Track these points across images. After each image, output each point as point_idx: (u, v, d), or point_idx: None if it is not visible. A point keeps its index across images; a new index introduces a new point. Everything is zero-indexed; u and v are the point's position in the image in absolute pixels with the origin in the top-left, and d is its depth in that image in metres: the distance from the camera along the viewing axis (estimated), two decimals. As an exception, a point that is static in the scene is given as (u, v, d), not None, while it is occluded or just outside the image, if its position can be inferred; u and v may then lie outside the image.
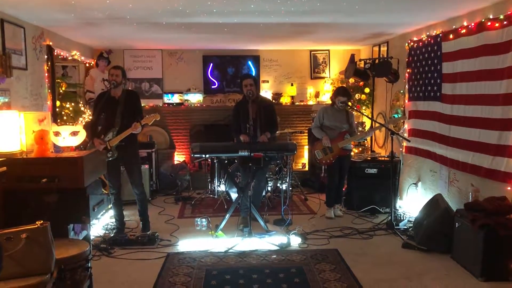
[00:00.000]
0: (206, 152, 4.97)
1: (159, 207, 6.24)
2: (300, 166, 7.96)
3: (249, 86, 5.07)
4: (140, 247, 4.59)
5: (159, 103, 7.71)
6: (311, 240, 4.81)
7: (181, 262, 4.22)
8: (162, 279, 3.83)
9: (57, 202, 3.08)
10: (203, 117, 7.75)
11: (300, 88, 7.93)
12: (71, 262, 2.79)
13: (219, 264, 4.18)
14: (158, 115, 4.87)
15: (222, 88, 7.82)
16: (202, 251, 4.47)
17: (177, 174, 7.03)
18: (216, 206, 6.20)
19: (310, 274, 3.92)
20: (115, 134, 4.74)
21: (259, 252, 4.46)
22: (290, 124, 7.67)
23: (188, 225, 5.34)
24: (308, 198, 6.66)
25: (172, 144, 7.75)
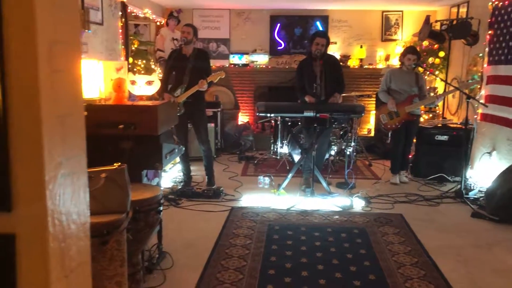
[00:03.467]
0: (271, 111, 4.97)
1: (223, 164, 6.40)
2: (366, 132, 7.79)
3: (321, 45, 4.94)
4: (206, 199, 4.76)
5: (226, 63, 7.77)
6: (374, 204, 4.74)
7: (244, 216, 4.34)
8: (227, 230, 3.98)
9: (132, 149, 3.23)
10: (268, 79, 7.74)
11: (370, 51, 7.66)
12: (144, 204, 2.93)
13: (281, 220, 4.25)
14: (223, 73, 4.93)
15: (288, 49, 7.73)
16: (264, 207, 4.56)
17: (240, 134, 7.14)
18: (278, 167, 6.25)
19: (373, 236, 3.88)
20: (183, 91, 4.86)
21: (321, 212, 4.47)
22: (357, 88, 7.48)
23: (250, 182, 5.44)
24: (372, 164, 6.53)
25: (236, 105, 7.84)
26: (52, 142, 0.81)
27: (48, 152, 0.80)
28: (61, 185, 0.84)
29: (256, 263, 3.39)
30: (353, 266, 3.33)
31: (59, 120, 0.82)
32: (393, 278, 3.14)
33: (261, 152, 7.08)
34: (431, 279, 3.13)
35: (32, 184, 0.80)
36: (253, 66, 7.71)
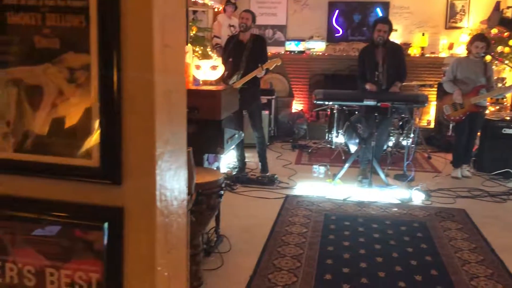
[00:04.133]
0: (329, 99, 4.90)
1: (276, 152, 6.39)
2: (425, 123, 7.51)
3: (383, 32, 4.79)
4: (260, 186, 4.78)
5: (281, 50, 7.71)
6: (435, 198, 4.57)
7: (300, 204, 4.32)
8: (282, 218, 3.97)
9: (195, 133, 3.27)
10: (324, 66, 7.61)
11: (432, 39, 7.35)
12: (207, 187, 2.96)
13: (337, 210, 4.20)
14: (279, 60, 4.89)
15: (346, 37, 7.56)
16: (320, 197, 4.52)
17: (294, 122, 7.09)
18: (333, 156, 6.17)
19: (434, 231, 3.75)
20: (239, 77, 4.87)
21: (379, 203, 4.37)
22: (418, 77, 7.20)
23: (305, 171, 5.41)
24: (431, 157, 6.30)
25: (291, 93, 7.78)
26: (162, 117, 0.81)
27: (159, 127, 0.80)
28: (167, 161, 0.84)
29: (313, 252, 3.37)
30: (414, 260, 3.24)
31: (166, 96, 0.82)
32: (458, 276, 3.02)
33: (315, 141, 7.00)
34: (498, 279, 2.98)
35: (142, 158, 0.81)
36: (309, 53, 7.61)
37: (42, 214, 0.85)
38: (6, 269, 0.88)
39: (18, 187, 0.85)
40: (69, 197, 0.84)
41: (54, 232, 0.85)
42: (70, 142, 0.82)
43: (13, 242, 0.87)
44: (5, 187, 0.86)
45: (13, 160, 0.84)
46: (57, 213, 0.85)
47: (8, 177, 0.86)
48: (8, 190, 0.86)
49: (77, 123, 0.80)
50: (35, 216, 0.86)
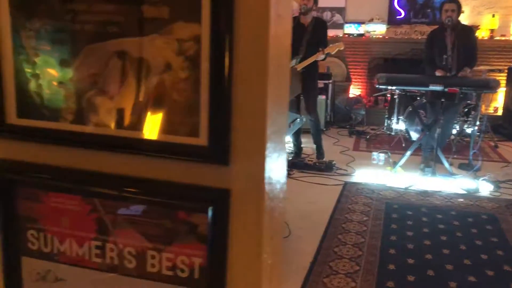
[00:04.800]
0: (393, 84, 4.71)
1: (333, 138, 6.27)
2: (492, 110, 7.11)
3: (451, 11, 4.52)
4: (317, 172, 4.69)
5: (339, 33, 7.50)
6: (504, 189, 4.32)
7: (359, 192, 4.22)
8: (341, 205, 3.89)
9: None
10: (384, 50, 7.33)
11: (503, 20, 6.88)
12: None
13: (399, 199, 4.06)
14: (342, 44, 4.73)
15: (408, 19, 7.22)
16: (380, 185, 4.39)
17: (352, 108, 6.91)
18: (392, 144, 5.96)
19: (505, 224, 3.54)
20: (298, 61, 4.75)
21: (443, 193, 4.19)
22: (486, 62, 6.79)
23: (363, 158, 5.27)
24: (499, 146, 5.96)
25: (348, 77, 7.58)
26: (272, 95, 0.75)
27: (270, 105, 0.74)
28: (274, 141, 0.78)
29: (375, 241, 3.27)
30: (484, 254, 3.07)
31: (277, 72, 0.76)
32: (536, 273, 2.83)
33: (373, 127, 6.79)
34: None
35: (253, 138, 0.75)
36: (369, 37, 7.35)
37: (144, 194, 0.82)
38: (106, 249, 0.86)
39: (120, 165, 0.82)
40: (173, 177, 0.80)
41: (157, 213, 0.81)
42: (177, 119, 0.77)
43: (114, 223, 0.84)
44: (107, 165, 0.83)
45: (116, 137, 0.80)
46: (160, 194, 0.81)
47: (110, 155, 0.83)
48: (110, 169, 0.83)
49: (185, 98, 0.76)
50: (137, 196, 0.83)
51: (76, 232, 0.87)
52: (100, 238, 0.86)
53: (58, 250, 0.89)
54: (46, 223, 0.89)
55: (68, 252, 0.88)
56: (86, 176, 0.84)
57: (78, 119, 0.83)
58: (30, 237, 0.91)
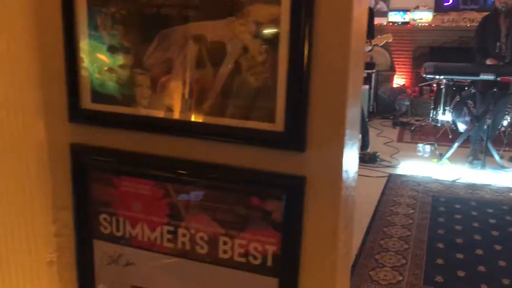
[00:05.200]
0: (441, 73, 4.56)
1: (376, 129, 6.14)
2: (545, 101, 6.77)
3: (504, -4, 4.31)
4: (361, 164, 4.61)
5: (383, 21, 7.30)
6: (561, 184, 4.12)
7: (404, 184, 4.12)
8: (386, 197, 3.81)
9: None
10: (430, 39, 7.09)
11: (560, 6, 6.52)
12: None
13: (446, 192, 3.94)
14: (390, 36, 4.60)
15: (456, 5, 6.94)
16: (426, 177, 4.27)
17: (395, 98, 6.75)
18: (438, 135, 5.78)
19: None
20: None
21: (493, 187, 4.03)
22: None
23: (408, 149, 5.14)
24: (552, 139, 5.67)
25: (392, 67, 7.39)
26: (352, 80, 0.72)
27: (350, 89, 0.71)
28: (351, 128, 0.76)
29: (422, 235, 3.19)
30: (541, 252, 2.94)
31: (356, 55, 0.73)
32: None
33: (418, 118, 6.61)
34: None
35: (331, 124, 0.73)
36: (414, 25, 7.12)
37: (217, 180, 0.81)
38: (178, 234, 0.86)
39: (194, 151, 0.82)
40: (247, 163, 0.79)
41: (230, 199, 0.81)
42: (253, 103, 0.76)
43: (187, 208, 0.84)
44: (180, 150, 0.83)
45: (190, 122, 0.80)
46: (233, 180, 0.80)
47: (184, 140, 0.82)
48: (184, 154, 0.83)
49: (262, 82, 0.74)
50: (210, 182, 0.82)
51: (148, 217, 0.87)
52: (172, 223, 0.86)
53: (130, 234, 0.90)
54: (119, 207, 0.90)
55: (139, 237, 0.89)
56: (159, 161, 0.85)
57: (151, 104, 0.83)
58: (102, 221, 0.92)
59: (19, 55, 0.89)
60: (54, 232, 0.99)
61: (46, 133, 0.93)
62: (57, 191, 0.96)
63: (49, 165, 0.95)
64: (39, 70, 0.91)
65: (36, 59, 0.90)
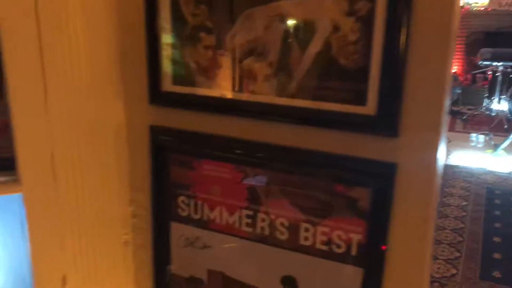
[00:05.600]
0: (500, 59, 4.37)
1: (425, 117, 5.96)
2: None
3: None
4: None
5: (435, 6, 7.02)
6: None
7: (457, 175, 3.99)
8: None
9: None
10: (485, 23, 6.75)
11: None
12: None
13: (502, 184, 3.78)
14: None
15: (516, -12, 6.58)
16: (479, 168, 4.12)
17: (446, 86, 6.51)
18: (493, 125, 5.54)
19: None
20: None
21: (554, 180, 3.84)
22: None
23: (460, 139, 4.96)
24: None
25: (443, 53, 7.12)
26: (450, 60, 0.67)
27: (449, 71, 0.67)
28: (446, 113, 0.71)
29: (477, 227, 3.08)
30: None
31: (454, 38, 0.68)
32: None
33: (470, 107, 6.35)
34: None
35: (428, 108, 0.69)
36: (468, 9, 6.80)
37: (300, 165, 0.79)
38: (257, 219, 0.84)
39: (276, 134, 0.80)
40: (333, 147, 0.76)
41: (313, 185, 0.78)
42: (342, 85, 0.72)
43: (267, 192, 0.82)
44: (263, 133, 0.81)
45: (275, 105, 0.78)
46: (317, 165, 0.78)
47: (267, 124, 0.80)
48: (266, 137, 0.81)
49: (353, 63, 0.71)
50: (292, 167, 0.80)
51: (227, 200, 0.87)
52: (252, 207, 0.84)
53: (208, 217, 0.90)
54: (197, 190, 0.89)
55: (217, 220, 0.89)
56: (239, 144, 0.83)
57: (233, 86, 0.81)
58: (180, 203, 0.92)
59: (99, 36, 0.89)
60: (130, 213, 1.00)
61: (126, 115, 0.94)
62: (135, 172, 0.97)
63: (128, 147, 0.96)
64: (119, 51, 0.91)
65: (116, 41, 0.90)
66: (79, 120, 0.90)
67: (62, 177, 0.91)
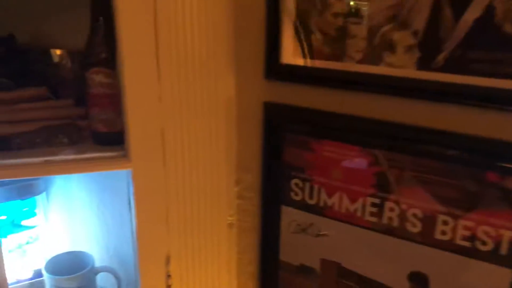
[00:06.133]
0: None
1: None
2: None
3: None
4: None
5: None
6: None
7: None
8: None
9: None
10: None
11: None
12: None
13: None
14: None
15: None
16: None
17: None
18: None
19: None
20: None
21: None
22: None
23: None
24: None
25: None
26: None
27: None
28: None
29: None
30: None
31: None
32: None
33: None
34: None
35: None
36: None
37: (442, 150, 0.70)
38: (384, 208, 0.76)
39: (414, 113, 0.70)
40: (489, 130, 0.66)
41: (457, 172, 0.69)
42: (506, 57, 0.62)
43: (399, 179, 0.74)
44: (397, 113, 0.72)
45: (416, 80, 0.68)
46: (465, 149, 0.68)
47: (404, 101, 0.71)
48: (400, 117, 0.72)
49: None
50: (433, 151, 0.70)
51: (349, 186, 0.79)
52: (379, 195, 0.76)
53: (325, 204, 0.83)
54: (315, 173, 0.82)
55: (336, 207, 0.81)
56: (368, 124, 0.74)
57: (366, 58, 0.72)
58: (294, 186, 0.86)
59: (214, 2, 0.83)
60: (237, 194, 0.95)
61: (237, 90, 0.88)
62: (243, 151, 0.92)
63: (237, 124, 0.91)
64: (235, 20, 0.84)
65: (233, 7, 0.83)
66: (189, 95, 0.85)
67: (170, 153, 0.87)
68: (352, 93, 0.75)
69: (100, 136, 0.90)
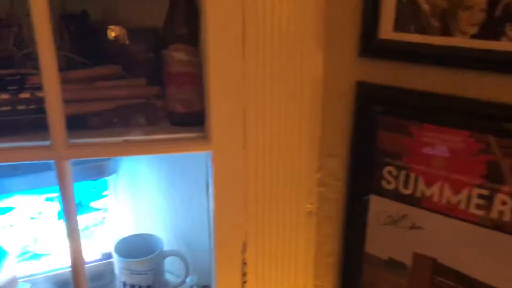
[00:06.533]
0: None
1: None
2: None
3: None
4: None
5: None
6: None
7: None
8: None
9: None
10: None
11: None
12: None
13: None
14: None
15: None
16: None
17: None
18: None
19: None
20: None
21: None
22: None
23: None
24: None
25: None
26: None
27: None
28: None
29: None
30: None
31: None
32: None
33: None
34: None
35: None
36: None
37: None
38: (495, 201, 0.69)
39: None
40: None
41: None
42: None
43: (514, 168, 0.66)
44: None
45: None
46: None
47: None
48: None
49: None
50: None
51: (453, 175, 0.71)
52: (489, 186, 0.68)
53: (422, 194, 0.76)
54: (412, 161, 0.75)
55: (435, 198, 0.74)
56: (480, 107, 0.67)
57: (483, 33, 0.64)
58: (386, 174, 0.79)
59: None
60: (318, 181, 0.89)
61: (326, 69, 0.82)
62: (328, 136, 0.86)
63: (323, 106, 0.85)
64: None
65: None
66: (274, 74, 0.80)
67: (251, 136, 0.83)
68: (462, 72, 0.67)
69: (178, 116, 0.87)
